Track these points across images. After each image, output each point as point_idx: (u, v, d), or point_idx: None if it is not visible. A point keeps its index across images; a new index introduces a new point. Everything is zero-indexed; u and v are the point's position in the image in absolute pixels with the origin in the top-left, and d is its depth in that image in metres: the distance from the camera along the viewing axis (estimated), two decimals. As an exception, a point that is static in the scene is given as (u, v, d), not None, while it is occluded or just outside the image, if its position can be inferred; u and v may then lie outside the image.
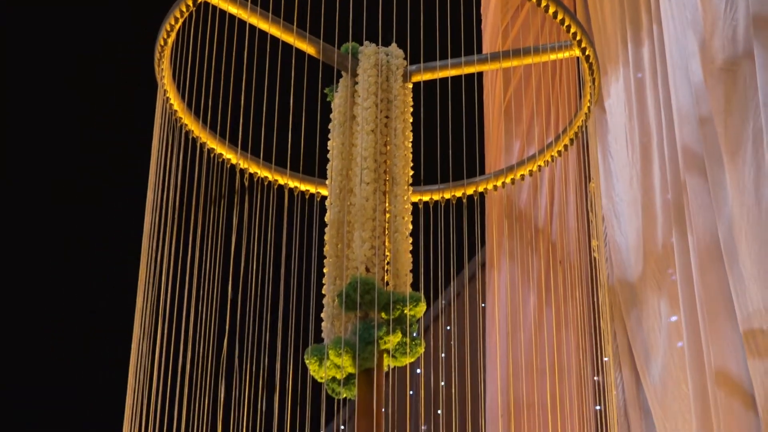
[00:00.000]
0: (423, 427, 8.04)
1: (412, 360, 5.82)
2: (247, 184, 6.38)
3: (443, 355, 7.99)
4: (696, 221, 6.85)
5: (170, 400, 6.03)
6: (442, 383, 7.82)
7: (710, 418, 6.07)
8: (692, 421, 6.35)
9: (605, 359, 6.55)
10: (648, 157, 7.62)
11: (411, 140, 6.10)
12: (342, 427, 10.96)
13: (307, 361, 5.69)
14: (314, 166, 6.32)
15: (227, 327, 6.04)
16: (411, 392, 8.89)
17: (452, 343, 7.15)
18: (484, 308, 7.81)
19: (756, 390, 5.90)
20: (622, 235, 7.60)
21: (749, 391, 5.92)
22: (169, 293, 6.19)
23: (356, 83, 6.16)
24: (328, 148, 6.16)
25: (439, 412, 7.96)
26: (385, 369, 5.73)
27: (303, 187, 6.46)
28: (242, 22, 6.27)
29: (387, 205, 5.88)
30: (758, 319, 6.06)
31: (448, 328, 8.49)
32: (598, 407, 6.93)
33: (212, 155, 6.48)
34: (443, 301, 7.50)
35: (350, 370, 5.61)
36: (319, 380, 5.70)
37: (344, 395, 5.72)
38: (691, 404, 6.35)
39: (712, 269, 6.61)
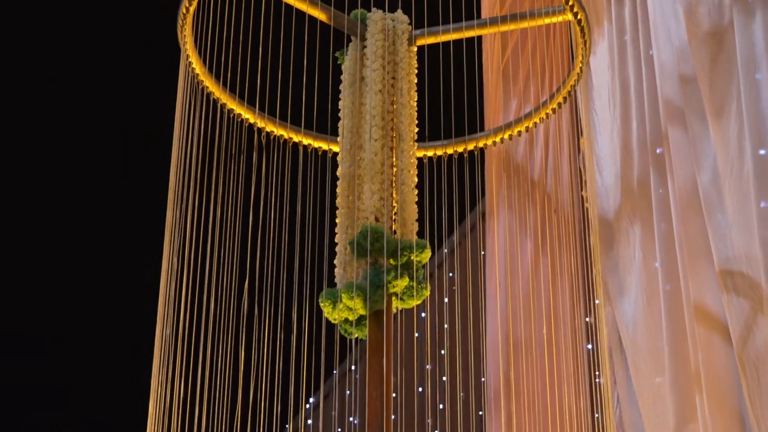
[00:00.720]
0: (428, 366, 8.09)
1: (419, 302, 5.86)
2: (264, 141, 6.43)
3: (446, 299, 8.04)
4: (677, 170, 6.86)
5: (196, 342, 6.10)
6: (446, 326, 7.86)
7: (687, 356, 6.10)
8: (665, 358, 6.32)
9: (596, 302, 6.60)
10: (628, 111, 7.62)
11: (416, 99, 6.13)
12: (353, 367, 11.04)
13: (321, 304, 5.74)
14: (326, 125, 6.35)
15: (248, 273, 6.10)
16: (417, 334, 8.97)
17: (455, 288, 7.21)
18: (484, 255, 7.87)
19: (731, 327, 5.93)
20: (602, 182, 7.59)
21: (727, 326, 5.93)
22: (194, 243, 6.26)
23: (365, 47, 6.19)
24: (339, 107, 6.20)
25: (443, 352, 8.01)
26: (394, 311, 5.76)
27: (316, 144, 6.47)
28: (259, -8, 6.30)
29: (394, 159, 5.92)
30: (737, 263, 6.07)
31: (451, 274, 8.55)
32: (589, 346, 6.97)
33: (232, 115, 6.51)
34: (446, 249, 7.57)
35: (361, 312, 5.67)
36: (333, 322, 5.75)
37: (356, 335, 5.78)
38: (664, 342, 6.33)
39: (692, 215, 6.63)
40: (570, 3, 6.21)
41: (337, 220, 5.97)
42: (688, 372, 6.20)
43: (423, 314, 9.47)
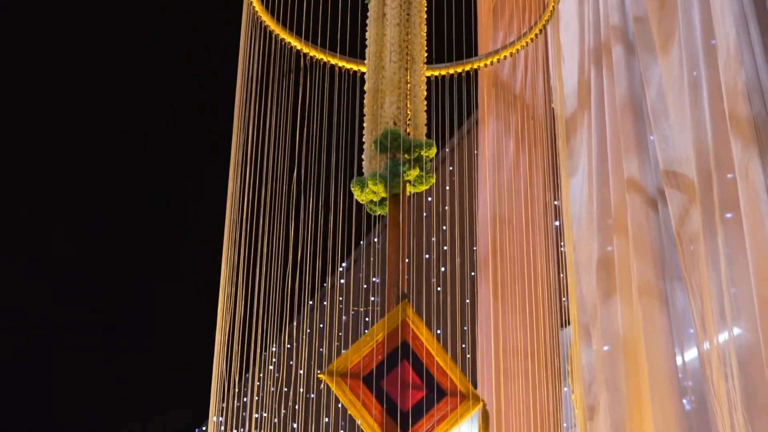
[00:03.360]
0: (433, 239, 8.21)
1: (426, 188, 5.88)
2: (308, 63, 6.48)
3: (448, 187, 8.15)
4: (618, 82, 6.78)
5: (257, 218, 6.21)
6: (447, 207, 7.97)
7: (624, 217, 6.05)
8: (594, 227, 6.33)
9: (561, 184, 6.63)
10: (583, 39, 7.56)
11: (426, 31, 6.13)
12: (375, 239, 11.15)
13: (352, 189, 5.79)
14: (356, 51, 6.39)
15: (296, 165, 6.19)
16: (425, 214, 9.10)
17: (454, 178, 7.29)
18: (477, 153, 7.93)
19: (672, 211, 5.89)
20: (566, 92, 7.52)
21: (653, 197, 5.94)
22: (256, 144, 6.34)
23: (386, -10, 6.19)
24: (366, 37, 6.18)
25: (444, 228, 8.14)
26: (408, 194, 5.79)
27: (348, 66, 6.52)
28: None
29: (408, 78, 5.91)
30: (678, 164, 6.04)
31: (451, 168, 8.64)
32: (556, 223, 7.00)
33: (283, 43, 6.55)
34: (448, 148, 7.62)
35: (383, 194, 5.72)
36: (361, 202, 5.81)
37: (378, 212, 5.82)
38: (594, 205, 6.28)
39: (632, 115, 6.56)
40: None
41: (364, 125, 5.97)
42: (621, 234, 6.27)
43: (429, 198, 9.60)
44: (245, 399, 6.78)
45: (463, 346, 6.25)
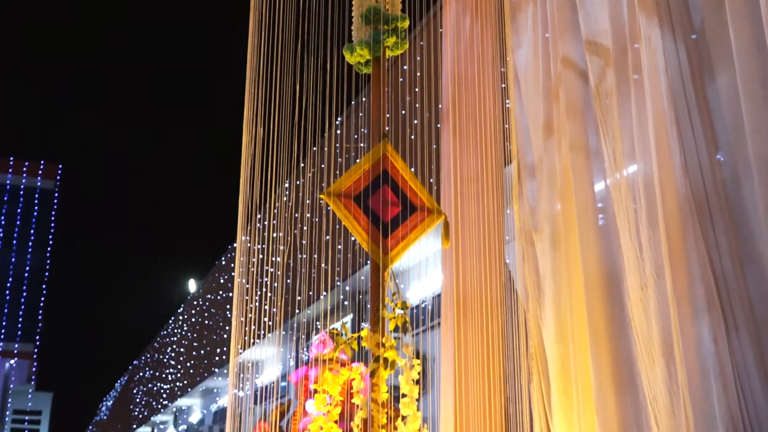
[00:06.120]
0: (408, 98, 8.22)
1: (401, 52, 5.82)
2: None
3: (419, 58, 8.10)
4: None
5: (272, 96, 6.16)
6: (419, 74, 7.95)
7: (559, 87, 5.93)
8: (539, 89, 6.20)
9: (507, 59, 6.52)
10: None
11: None
12: (364, 99, 11.17)
13: (344, 53, 5.76)
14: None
15: (301, 34, 6.11)
16: (402, 79, 9.05)
17: (423, 51, 7.26)
18: (441, 32, 7.80)
19: (591, 74, 5.67)
20: None
21: (583, 69, 5.77)
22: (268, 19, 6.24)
23: None
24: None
25: (417, 90, 8.14)
26: (387, 57, 5.75)
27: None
28: None
29: None
30: (599, 35, 5.77)
31: (422, 43, 8.56)
32: (508, 103, 6.78)
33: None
34: (418, 28, 7.49)
35: (368, 57, 5.70)
36: (351, 63, 5.77)
37: (365, 71, 5.79)
38: (540, 75, 6.17)
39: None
40: None
41: (353, 3, 5.87)
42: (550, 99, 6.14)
43: (405, 67, 9.55)
44: (265, 222, 6.90)
45: (431, 180, 6.34)
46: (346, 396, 5.38)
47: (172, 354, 38.55)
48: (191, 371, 33.55)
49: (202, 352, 31.59)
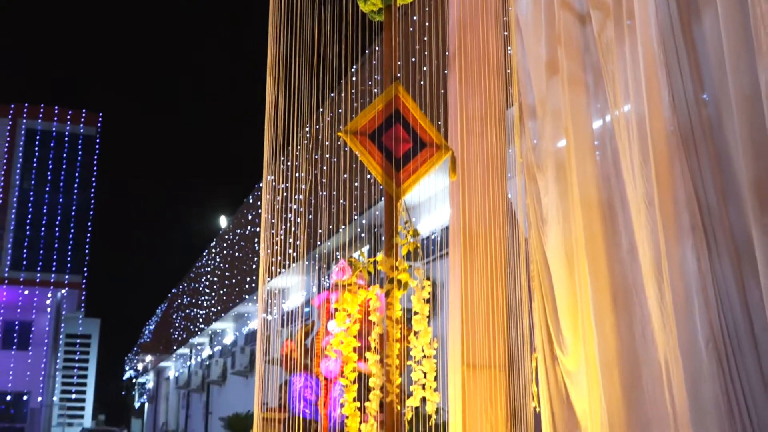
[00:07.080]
0: (417, 46, 8.10)
1: (407, 2, 5.72)
2: None
3: (427, 9, 7.94)
4: None
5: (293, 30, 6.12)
6: (427, 24, 7.81)
7: (560, 30, 5.76)
8: (541, 34, 6.05)
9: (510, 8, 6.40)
10: None
11: None
12: (377, 48, 11.04)
13: (358, 1, 5.64)
14: None
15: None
16: (411, 29, 8.89)
17: (431, 2, 7.09)
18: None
19: (594, 23, 5.46)
20: None
21: (582, 14, 5.56)
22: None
23: None
24: None
25: (425, 38, 8.00)
26: (398, 5, 5.60)
27: None
28: None
29: None
30: None
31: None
32: (510, 50, 6.67)
33: None
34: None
35: (380, 4, 5.60)
36: (365, 11, 5.67)
37: (377, 19, 5.69)
38: (542, 20, 6.01)
39: None
40: None
41: None
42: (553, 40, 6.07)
43: (414, 17, 9.41)
44: (288, 163, 6.92)
45: (439, 122, 6.31)
46: (363, 314, 5.47)
47: (207, 283, 39.08)
48: (224, 298, 34.05)
49: (234, 280, 32.00)
